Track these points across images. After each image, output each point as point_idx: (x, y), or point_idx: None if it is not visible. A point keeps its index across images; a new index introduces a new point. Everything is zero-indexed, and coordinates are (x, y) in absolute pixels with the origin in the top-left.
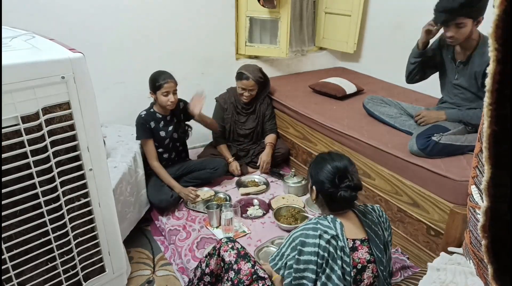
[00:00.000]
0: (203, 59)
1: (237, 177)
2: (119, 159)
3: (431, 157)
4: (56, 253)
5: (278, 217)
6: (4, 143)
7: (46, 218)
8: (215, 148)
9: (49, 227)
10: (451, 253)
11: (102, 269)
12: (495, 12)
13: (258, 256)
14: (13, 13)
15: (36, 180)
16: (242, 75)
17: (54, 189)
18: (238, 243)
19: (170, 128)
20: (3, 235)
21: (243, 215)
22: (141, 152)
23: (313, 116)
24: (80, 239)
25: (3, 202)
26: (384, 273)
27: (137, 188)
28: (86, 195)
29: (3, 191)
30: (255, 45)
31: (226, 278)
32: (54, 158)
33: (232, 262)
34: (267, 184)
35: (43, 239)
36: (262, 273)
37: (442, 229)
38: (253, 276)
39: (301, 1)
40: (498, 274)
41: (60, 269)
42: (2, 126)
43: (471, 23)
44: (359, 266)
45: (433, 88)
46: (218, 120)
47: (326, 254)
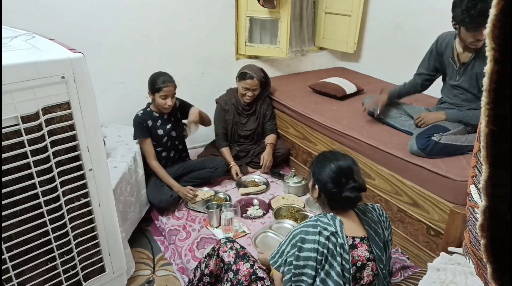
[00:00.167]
0: (203, 59)
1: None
2: (119, 159)
3: (431, 157)
4: (56, 253)
5: (278, 217)
6: (4, 143)
7: (46, 218)
8: (216, 148)
9: (49, 227)
10: (451, 253)
11: (102, 269)
12: (492, 12)
13: (255, 243)
14: (13, 13)
15: (36, 180)
16: (246, 75)
17: (54, 189)
18: (237, 243)
19: (168, 127)
20: (3, 235)
21: (243, 215)
22: (141, 152)
23: (313, 116)
24: (80, 239)
25: (3, 202)
26: (384, 272)
27: (137, 188)
28: (86, 195)
29: (3, 191)
30: (255, 45)
31: (226, 279)
32: (54, 158)
33: (231, 263)
34: (267, 184)
35: (43, 239)
36: (261, 273)
37: (442, 229)
38: (252, 277)
39: (301, 1)
40: (497, 274)
41: (60, 269)
42: (2, 126)
43: None
44: (359, 264)
45: (433, 88)
46: (220, 122)
47: (326, 251)
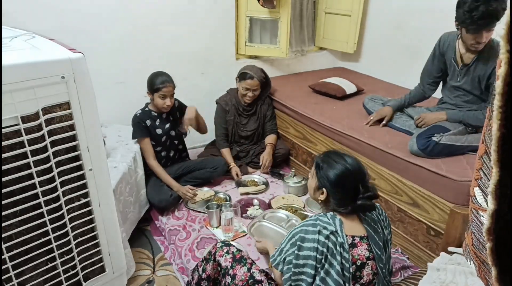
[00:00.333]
0: (203, 59)
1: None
2: (119, 159)
3: (431, 157)
4: (56, 253)
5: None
6: (4, 143)
7: (46, 218)
8: (216, 148)
9: (49, 227)
10: (451, 253)
11: (102, 269)
12: (508, 14)
13: (251, 232)
14: (13, 13)
15: (36, 180)
16: (246, 75)
17: (54, 189)
18: (234, 247)
19: (167, 126)
20: (3, 235)
21: (243, 215)
22: (141, 152)
23: (313, 116)
24: (80, 239)
25: (3, 202)
26: (384, 271)
27: (137, 188)
28: (86, 195)
29: (3, 191)
30: (255, 45)
31: (224, 283)
32: (54, 158)
33: (228, 267)
34: (267, 184)
35: (43, 239)
36: (259, 276)
37: (442, 229)
38: (249, 281)
39: (301, 1)
40: (502, 277)
41: (60, 269)
42: (2, 126)
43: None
44: (358, 263)
45: None
46: (221, 123)
47: (325, 250)
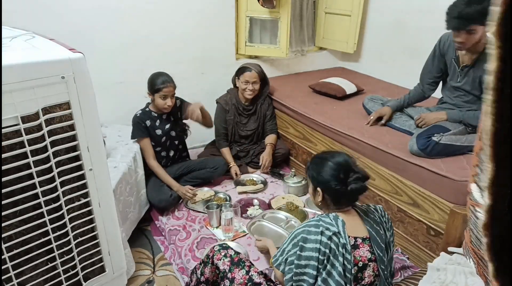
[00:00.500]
0: (203, 59)
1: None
2: (119, 159)
3: (431, 157)
4: (56, 253)
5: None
6: (4, 143)
7: (46, 218)
8: (216, 148)
9: (49, 227)
10: (451, 253)
11: (102, 269)
12: (498, 11)
13: (251, 231)
14: (13, 13)
15: (36, 180)
16: (244, 69)
17: (54, 189)
18: (231, 249)
19: (167, 126)
20: (3, 235)
21: (243, 215)
22: (141, 152)
23: (313, 116)
24: (80, 239)
25: (3, 202)
26: (385, 272)
27: (137, 188)
28: (86, 195)
29: (3, 191)
30: (255, 45)
31: None
32: (54, 158)
33: (226, 271)
34: (265, 183)
35: (43, 239)
36: (257, 278)
37: (442, 229)
38: (248, 284)
39: (301, 1)
40: (499, 273)
41: (60, 269)
42: (2, 126)
43: (482, 30)
44: (360, 264)
45: None
46: (221, 122)
47: (328, 251)
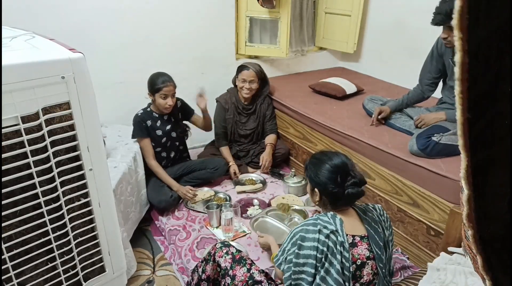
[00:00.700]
0: (203, 59)
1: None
2: (119, 159)
3: (431, 157)
4: (56, 253)
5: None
6: (4, 143)
7: (46, 218)
8: (216, 148)
9: (49, 227)
10: (451, 253)
11: (102, 269)
12: (458, 3)
13: (254, 227)
14: (13, 13)
15: (36, 180)
16: (243, 67)
17: (54, 189)
18: (233, 247)
19: (168, 127)
20: (3, 235)
21: (243, 215)
22: (141, 152)
23: (313, 116)
24: (80, 239)
25: (3, 202)
26: (384, 271)
27: (137, 188)
28: (86, 195)
29: (3, 191)
30: (255, 45)
31: (223, 284)
32: (54, 158)
33: (228, 268)
34: (264, 183)
35: (43, 239)
36: (258, 276)
37: (442, 229)
38: (249, 282)
39: (301, 1)
40: (488, 265)
41: (60, 269)
42: (2, 126)
43: None
44: (359, 262)
45: None
46: (220, 121)
47: (326, 249)
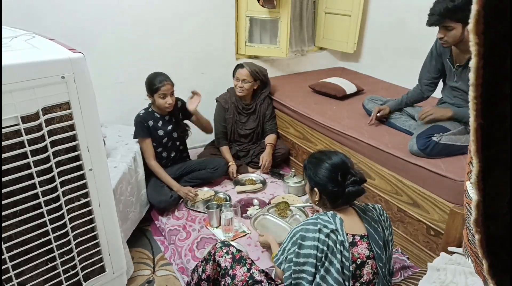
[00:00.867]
0: (203, 59)
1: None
2: (119, 159)
3: (431, 157)
4: (56, 253)
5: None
6: (4, 143)
7: (46, 218)
8: (216, 148)
9: (49, 227)
10: (451, 253)
11: (102, 269)
12: (474, 7)
13: (254, 226)
14: (13, 13)
15: (36, 180)
16: (239, 66)
17: (54, 189)
18: (233, 247)
19: (169, 128)
20: (3, 235)
21: (243, 215)
22: (141, 152)
23: (313, 116)
24: (80, 239)
25: (3, 202)
26: (383, 270)
27: (138, 188)
28: (86, 195)
29: (3, 191)
30: (255, 45)
31: (223, 284)
32: (54, 158)
33: (228, 268)
34: (264, 183)
35: (43, 239)
36: (258, 276)
37: (442, 229)
38: (249, 282)
39: (301, 1)
40: (493, 270)
41: (60, 269)
42: (2, 126)
43: (461, 27)
44: (359, 261)
45: None
46: (220, 121)
47: (325, 248)
